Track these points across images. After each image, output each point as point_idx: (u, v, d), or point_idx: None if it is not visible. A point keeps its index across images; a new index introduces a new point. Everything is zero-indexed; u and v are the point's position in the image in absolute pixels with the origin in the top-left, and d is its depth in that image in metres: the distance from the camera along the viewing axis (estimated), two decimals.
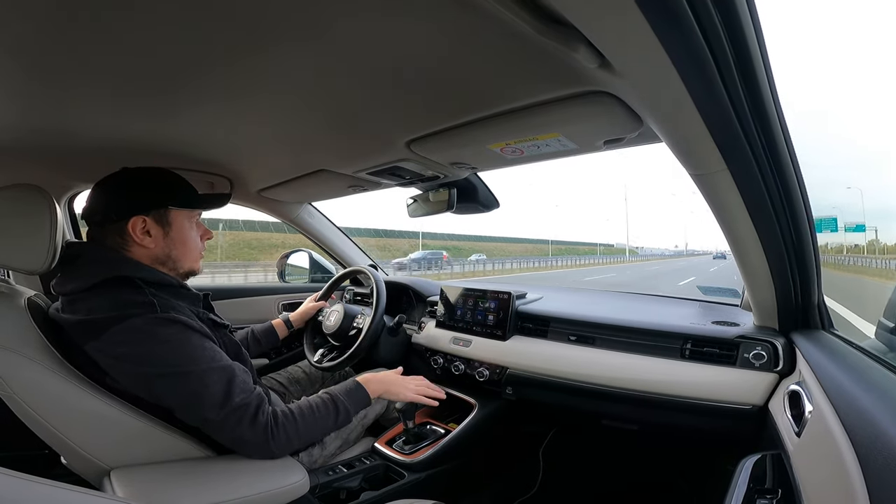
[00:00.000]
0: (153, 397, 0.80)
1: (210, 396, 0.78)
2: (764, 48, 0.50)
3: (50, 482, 0.31)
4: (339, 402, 0.94)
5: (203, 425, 0.81)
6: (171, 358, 0.77)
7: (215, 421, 0.79)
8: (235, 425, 0.80)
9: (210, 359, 0.80)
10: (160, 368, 0.77)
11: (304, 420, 0.87)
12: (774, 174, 0.66)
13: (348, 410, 0.95)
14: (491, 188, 1.32)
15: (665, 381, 0.98)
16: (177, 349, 0.78)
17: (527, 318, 1.28)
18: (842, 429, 0.50)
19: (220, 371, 0.80)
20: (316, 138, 0.99)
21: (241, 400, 0.80)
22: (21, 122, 0.87)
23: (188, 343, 0.79)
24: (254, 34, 0.57)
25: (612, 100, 0.66)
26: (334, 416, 0.92)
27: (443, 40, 0.57)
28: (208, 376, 0.78)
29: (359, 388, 1.00)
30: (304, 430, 0.87)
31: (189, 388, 0.77)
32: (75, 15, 0.52)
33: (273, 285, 1.89)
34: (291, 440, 0.85)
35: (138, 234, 0.85)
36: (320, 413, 0.90)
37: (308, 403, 0.91)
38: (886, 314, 0.93)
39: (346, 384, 1.00)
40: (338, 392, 0.96)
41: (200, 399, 0.78)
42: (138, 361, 0.77)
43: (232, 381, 0.81)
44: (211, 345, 0.83)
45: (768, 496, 0.61)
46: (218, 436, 0.82)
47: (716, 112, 0.55)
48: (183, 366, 0.77)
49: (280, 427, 0.83)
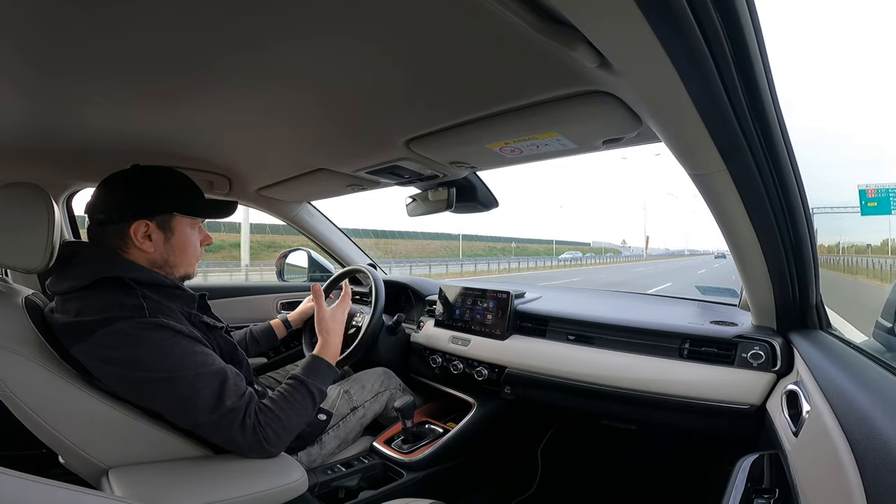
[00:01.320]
0: (142, 401, 0.80)
1: (201, 401, 0.77)
2: (763, 48, 0.50)
3: (48, 481, 0.31)
4: (307, 384, 0.92)
5: (195, 429, 0.81)
6: (160, 363, 0.76)
7: (207, 424, 0.79)
8: (228, 428, 0.79)
9: (200, 364, 0.79)
10: (148, 373, 0.76)
11: (285, 413, 0.86)
12: (773, 174, 0.66)
13: (320, 390, 0.94)
14: (490, 187, 1.32)
15: (663, 381, 0.98)
16: (165, 354, 0.77)
17: (525, 317, 1.28)
18: (839, 428, 0.51)
19: (210, 376, 0.80)
20: (315, 137, 0.99)
21: (232, 404, 0.80)
22: (19, 120, 0.87)
23: (177, 347, 0.78)
24: (253, 33, 0.56)
25: (612, 99, 0.66)
26: (310, 400, 0.91)
27: (442, 39, 0.57)
28: (198, 381, 0.78)
29: (317, 362, 0.98)
30: (287, 421, 0.86)
31: (179, 393, 0.77)
32: (75, 14, 0.52)
33: (271, 284, 1.89)
34: (280, 436, 0.84)
35: (139, 238, 0.85)
36: (296, 400, 0.89)
37: (281, 395, 0.89)
38: (884, 314, 0.93)
39: (305, 363, 0.98)
40: (302, 374, 0.94)
41: (192, 403, 0.77)
42: (125, 366, 0.76)
43: (224, 384, 0.80)
44: (202, 349, 0.82)
45: (766, 496, 0.61)
46: (212, 438, 0.82)
47: (715, 112, 0.55)
48: (172, 371, 0.76)
49: (265, 427, 0.82)
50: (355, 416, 1.14)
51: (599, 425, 1.21)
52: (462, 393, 1.33)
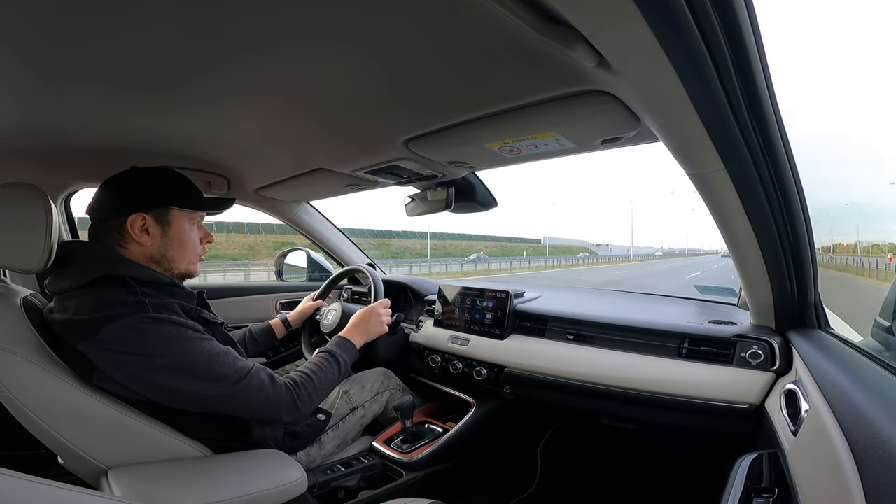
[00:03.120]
0: (159, 391, 0.80)
1: (224, 378, 0.81)
2: (762, 47, 0.50)
3: (48, 482, 0.31)
4: (337, 355, 1.01)
5: (226, 405, 0.83)
6: (173, 350, 0.78)
7: (235, 396, 0.82)
8: (258, 391, 0.83)
9: (210, 348, 0.82)
10: (164, 360, 0.77)
11: (318, 377, 0.93)
12: (772, 174, 0.66)
13: (346, 361, 1.03)
14: (489, 187, 1.32)
15: (662, 380, 0.98)
16: (176, 343, 0.78)
17: (525, 316, 1.28)
18: (838, 428, 0.51)
19: (223, 354, 0.83)
20: (314, 137, 0.99)
21: (251, 369, 0.85)
22: (18, 120, 0.86)
23: (185, 337, 0.80)
24: (253, 33, 0.56)
25: (610, 99, 0.66)
26: (337, 370, 0.99)
27: (441, 39, 0.57)
28: (214, 361, 0.81)
29: (346, 342, 1.07)
30: (319, 385, 0.93)
31: (198, 374, 0.79)
32: (75, 14, 0.52)
33: (271, 284, 1.89)
34: (312, 396, 0.91)
35: (136, 231, 0.85)
36: (326, 369, 0.97)
37: (313, 364, 0.97)
38: (882, 313, 0.93)
39: (335, 341, 1.07)
40: (332, 348, 1.03)
41: (213, 377, 0.80)
42: (140, 356, 0.76)
43: (237, 358, 0.85)
44: (207, 337, 0.84)
45: (765, 495, 0.61)
46: (245, 408, 0.85)
47: (713, 111, 0.55)
48: (186, 355, 0.79)
49: (301, 386, 0.89)
50: (355, 416, 1.14)
51: (599, 425, 1.21)
52: (461, 393, 1.34)
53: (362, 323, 1.13)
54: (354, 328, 1.11)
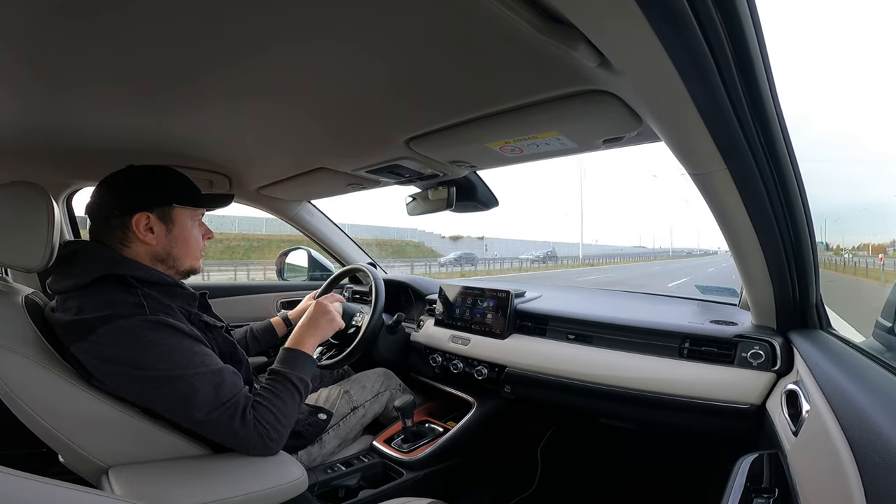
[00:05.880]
0: (140, 400, 0.79)
1: (200, 399, 0.77)
2: (764, 47, 0.50)
3: (48, 480, 0.31)
4: (290, 376, 0.90)
5: (196, 427, 0.81)
6: (159, 362, 0.76)
7: (206, 422, 0.79)
8: (228, 424, 0.79)
9: (199, 363, 0.79)
10: (148, 372, 0.76)
11: (278, 408, 0.85)
12: (773, 174, 0.66)
13: (302, 379, 0.91)
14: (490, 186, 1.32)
15: (663, 380, 0.98)
16: (165, 353, 0.77)
17: (525, 316, 1.28)
18: (839, 428, 0.51)
19: (209, 375, 0.79)
20: (315, 137, 0.99)
21: (229, 401, 0.80)
22: (19, 119, 0.86)
23: (177, 347, 0.78)
24: (254, 33, 0.56)
25: (612, 99, 0.66)
26: (296, 392, 0.90)
27: (443, 38, 0.56)
28: (197, 380, 0.78)
29: (293, 354, 0.95)
30: (285, 420, 0.85)
31: (178, 392, 0.77)
32: (75, 13, 0.52)
33: (272, 283, 1.90)
34: (277, 427, 0.84)
35: (141, 230, 0.85)
36: (284, 394, 0.88)
37: (270, 392, 0.87)
38: (884, 314, 0.93)
39: (280, 357, 0.95)
40: (281, 368, 0.92)
41: (191, 402, 0.77)
42: (125, 364, 0.76)
43: (221, 384, 0.80)
44: (201, 348, 0.82)
45: (765, 495, 0.61)
46: (213, 436, 0.82)
47: (715, 111, 0.55)
48: (172, 370, 0.76)
49: (261, 420, 0.82)
50: (355, 415, 1.15)
51: (599, 424, 1.21)
52: (462, 392, 1.34)
53: (310, 328, 1.02)
54: (302, 334, 1.00)
